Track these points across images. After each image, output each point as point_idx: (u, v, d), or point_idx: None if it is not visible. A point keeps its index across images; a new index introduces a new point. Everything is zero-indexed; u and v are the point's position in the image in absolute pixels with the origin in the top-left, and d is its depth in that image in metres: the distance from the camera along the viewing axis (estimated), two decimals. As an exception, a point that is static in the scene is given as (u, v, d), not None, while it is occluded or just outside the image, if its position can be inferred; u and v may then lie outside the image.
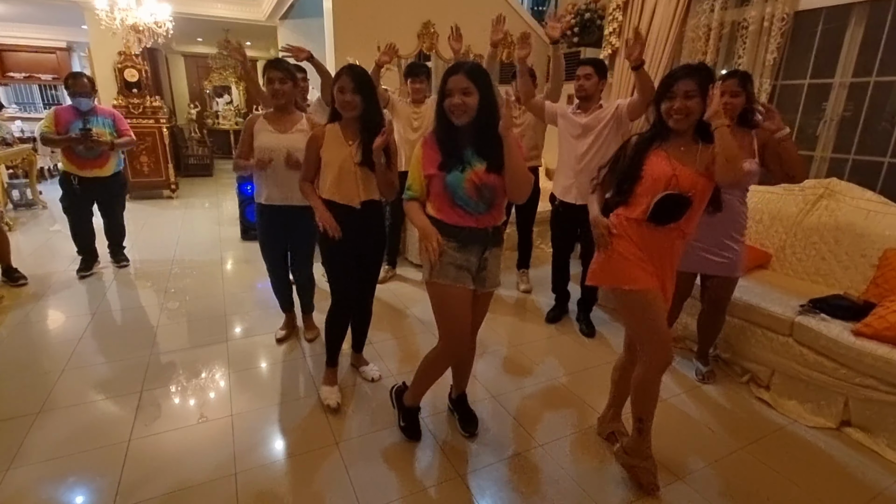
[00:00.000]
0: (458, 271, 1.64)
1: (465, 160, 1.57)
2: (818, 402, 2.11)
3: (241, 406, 2.11)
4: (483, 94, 1.53)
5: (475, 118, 1.54)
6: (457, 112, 1.53)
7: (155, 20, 5.08)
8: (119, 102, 6.00)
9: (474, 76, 1.52)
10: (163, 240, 4.64)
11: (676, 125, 1.54)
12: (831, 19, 2.85)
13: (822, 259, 2.55)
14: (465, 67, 1.54)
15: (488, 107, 1.54)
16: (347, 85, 1.85)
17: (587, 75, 2.57)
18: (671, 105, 1.52)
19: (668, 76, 1.56)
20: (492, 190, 1.59)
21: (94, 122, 3.37)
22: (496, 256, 1.72)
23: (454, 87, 1.52)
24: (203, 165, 8.66)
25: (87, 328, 2.79)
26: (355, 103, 1.87)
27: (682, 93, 1.49)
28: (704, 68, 1.54)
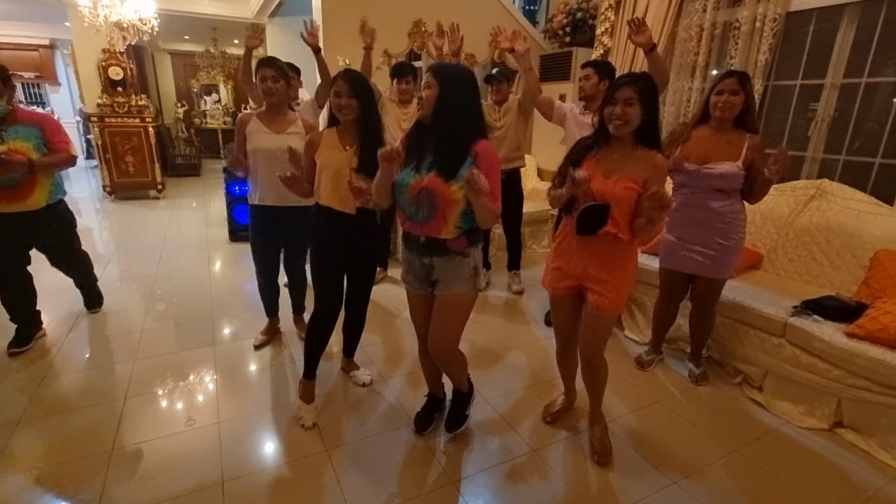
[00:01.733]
0: (407, 273, 1.75)
1: (421, 164, 1.57)
2: (811, 403, 2.11)
3: (228, 412, 2.06)
4: (443, 90, 1.51)
5: (433, 116, 1.53)
6: (420, 105, 1.56)
7: (140, 17, 4.98)
8: (104, 101, 5.88)
9: (436, 72, 1.53)
10: (149, 241, 4.54)
11: (616, 131, 1.59)
12: (823, 20, 2.86)
13: (814, 260, 2.56)
14: (434, 65, 1.56)
15: (447, 107, 1.51)
16: (343, 89, 1.83)
17: (587, 76, 2.59)
18: (612, 110, 1.58)
19: (614, 82, 1.64)
20: (431, 198, 1.52)
21: (9, 133, 2.27)
22: (444, 263, 1.63)
23: (424, 82, 1.56)
24: (190, 165, 8.54)
25: (68, 333, 2.72)
26: (351, 107, 1.84)
27: (623, 99, 1.55)
28: (644, 76, 1.63)
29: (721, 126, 2.08)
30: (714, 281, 2.22)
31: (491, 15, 4.49)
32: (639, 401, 2.25)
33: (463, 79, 1.56)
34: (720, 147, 2.07)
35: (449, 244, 1.60)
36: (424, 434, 1.96)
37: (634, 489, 1.73)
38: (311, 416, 2.01)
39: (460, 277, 1.64)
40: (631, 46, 3.66)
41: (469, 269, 1.65)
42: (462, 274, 1.64)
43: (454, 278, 1.65)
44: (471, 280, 1.67)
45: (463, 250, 1.62)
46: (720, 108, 2.03)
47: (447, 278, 1.65)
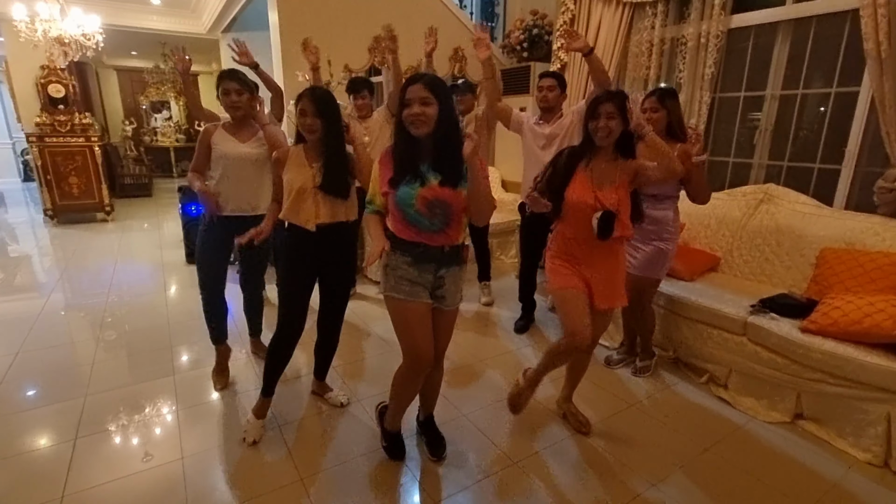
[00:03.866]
0: (412, 286, 1.60)
1: (420, 174, 1.53)
2: (772, 397, 2.21)
3: (192, 447, 1.94)
4: (442, 105, 1.50)
5: (434, 130, 1.50)
6: (416, 123, 1.49)
7: (83, 32, 4.74)
8: (44, 120, 5.55)
9: (433, 86, 1.50)
10: (97, 267, 4.28)
11: (601, 142, 1.78)
12: (761, 36, 3.06)
13: (766, 260, 2.70)
14: (424, 78, 1.51)
15: (448, 119, 1.52)
16: (308, 108, 1.80)
17: (550, 87, 2.67)
18: (597, 124, 1.76)
19: (595, 100, 1.79)
20: (445, 206, 1.53)
21: None
22: (455, 275, 1.65)
23: (413, 97, 1.49)
24: (141, 185, 8.16)
25: (8, 370, 2.50)
26: (316, 126, 1.82)
27: (605, 113, 1.74)
28: (620, 93, 1.80)
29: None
30: (642, 279, 2.34)
31: (448, 31, 4.55)
32: (610, 406, 2.28)
33: (449, 89, 1.59)
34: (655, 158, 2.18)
35: (463, 252, 1.66)
36: (401, 460, 1.90)
37: (616, 494, 1.74)
38: (256, 433, 1.98)
39: (460, 286, 1.70)
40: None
41: (462, 280, 1.71)
42: (461, 283, 1.70)
43: (458, 289, 1.69)
44: (460, 291, 1.72)
45: (466, 259, 1.70)
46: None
47: (454, 290, 1.67)
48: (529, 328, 3.07)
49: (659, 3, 3.31)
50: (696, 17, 3.16)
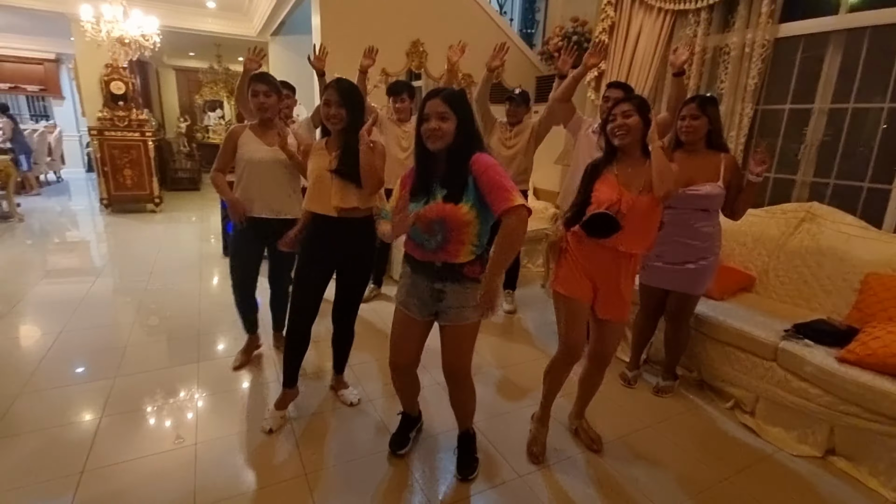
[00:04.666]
0: (407, 296, 1.67)
1: (431, 191, 1.53)
2: (803, 429, 2.07)
3: (206, 434, 2.01)
4: (461, 119, 1.49)
5: (450, 144, 1.49)
6: (432, 137, 1.49)
7: (142, 33, 5.05)
8: (104, 115, 5.94)
9: (452, 101, 1.48)
10: (142, 254, 4.53)
11: (620, 141, 1.73)
12: (810, 47, 2.89)
13: (805, 283, 2.54)
14: (443, 93, 1.50)
15: (465, 133, 1.50)
16: (333, 98, 1.85)
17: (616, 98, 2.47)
18: (613, 124, 1.73)
19: (610, 106, 1.78)
20: (442, 223, 1.49)
21: None
22: (456, 292, 1.58)
23: (431, 111, 1.48)
24: (190, 179, 8.57)
25: (51, 347, 2.68)
26: (340, 116, 1.86)
27: (621, 113, 1.72)
28: (638, 96, 1.81)
29: (693, 149, 2.19)
30: (688, 297, 2.27)
31: (488, 37, 4.55)
32: (625, 424, 2.20)
33: (468, 103, 1.54)
34: (700, 169, 2.16)
35: (466, 271, 1.55)
36: (401, 454, 1.92)
37: (620, 518, 1.68)
38: (273, 422, 2.05)
39: (471, 304, 1.58)
40: (624, 69, 3.70)
41: (476, 297, 1.57)
42: (472, 300, 1.57)
43: (465, 304, 1.59)
44: (478, 307, 1.58)
45: (478, 276, 1.57)
46: (684, 132, 2.16)
47: (458, 305, 1.59)
48: None
49: (702, 11, 3.19)
50: (742, 26, 3.02)
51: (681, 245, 2.20)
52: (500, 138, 3.13)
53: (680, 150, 2.21)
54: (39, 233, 5.30)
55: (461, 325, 1.62)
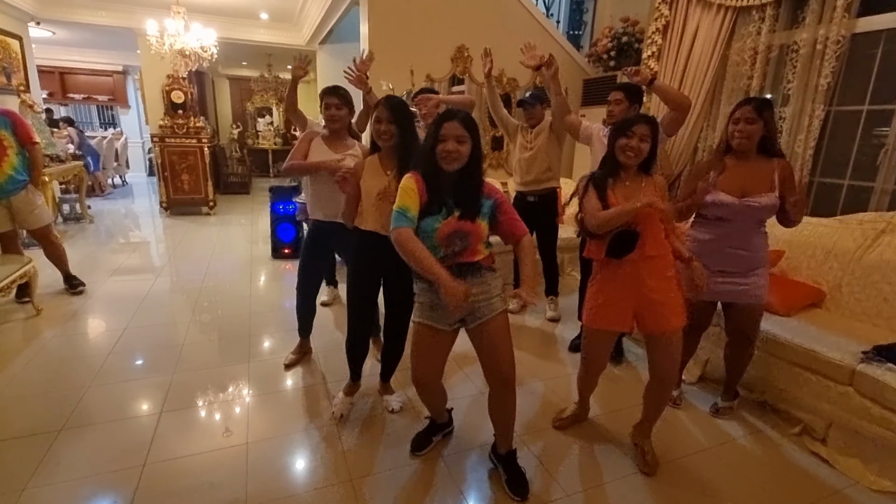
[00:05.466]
0: (431, 310, 1.69)
1: (447, 207, 1.60)
2: (885, 462, 1.88)
3: (256, 433, 2.06)
4: (475, 143, 1.60)
5: (463, 166, 1.59)
6: (448, 159, 1.57)
7: (201, 45, 5.30)
8: (165, 123, 6.29)
9: (469, 125, 1.58)
10: (198, 255, 4.75)
11: (628, 161, 1.76)
12: (892, 42, 2.65)
13: (885, 300, 2.32)
14: (460, 115, 1.58)
15: (477, 156, 1.62)
16: (383, 115, 1.88)
17: (617, 101, 2.53)
18: (628, 142, 1.73)
19: (629, 120, 1.77)
20: (465, 237, 1.61)
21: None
22: (479, 284, 1.65)
23: (448, 133, 1.56)
24: (241, 183, 8.94)
25: (117, 343, 2.84)
26: (391, 133, 1.89)
27: (639, 135, 1.72)
28: (655, 120, 1.80)
29: (744, 156, 2.02)
30: (754, 308, 2.12)
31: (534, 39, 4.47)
32: (684, 447, 2.08)
33: (478, 128, 1.64)
34: (754, 178, 2.01)
35: (482, 261, 1.68)
36: (419, 454, 1.95)
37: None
38: (342, 408, 2.21)
39: (495, 293, 1.68)
40: (679, 71, 3.54)
41: (496, 286, 1.70)
42: (496, 289, 1.69)
43: (492, 294, 1.67)
44: (501, 296, 1.71)
45: (492, 264, 1.71)
46: (737, 137, 1.99)
47: (485, 296, 1.66)
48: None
49: (768, 7, 3.00)
50: (813, 21, 2.81)
51: (737, 256, 2.07)
52: (522, 142, 3.16)
53: (730, 156, 2.05)
54: (107, 233, 5.66)
55: (495, 318, 1.66)
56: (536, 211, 3.21)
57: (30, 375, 2.46)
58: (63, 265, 3.55)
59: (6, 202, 3.12)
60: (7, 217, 3.18)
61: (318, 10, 5.71)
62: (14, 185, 3.09)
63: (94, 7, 6.02)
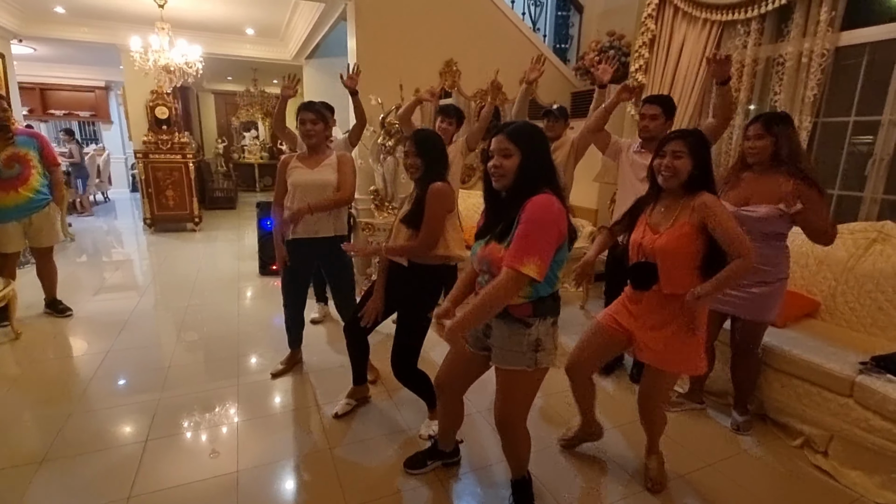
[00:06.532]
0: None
1: (492, 231, 1.45)
2: (889, 473, 1.87)
3: (247, 460, 1.97)
4: (526, 156, 1.37)
5: (513, 187, 1.39)
6: (495, 175, 1.41)
7: (186, 61, 5.24)
8: (149, 138, 6.19)
9: (516, 136, 1.38)
10: (183, 273, 4.63)
11: (665, 183, 1.65)
12: (877, 55, 2.71)
13: (880, 309, 2.33)
14: (508, 128, 1.41)
15: (529, 171, 1.37)
16: (411, 149, 1.91)
17: (654, 115, 2.35)
18: (661, 162, 1.65)
19: (664, 139, 1.69)
20: (488, 263, 1.43)
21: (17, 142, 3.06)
22: (502, 330, 1.47)
23: (494, 148, 1.41)
24: (227, 199, 8.82)
25: (100, 366, 2.72)
26: (416, 165, 1.91)
27: (672, 152, 1.62)
28: (696, 133, 1.68)
29: (762, 170, 2.07)
30: (756, 324, 2.12)
31: (522, 54, 4.52)
32: (691, 462, 2.04)
33: (540, 139, 1.43)
34: (763, 189, 2.04)
35: (512, 309, 1.43)
36: (410, 472, 1.90)
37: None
38: (341, 408, 2.28)
39: (516, 348, 1.45)
40: (666, 84, 3.58)
41: (528, 342, 1.44)
42: (519, 345, 1.45)
43: (509, 348, 1.47)
44: (529, 354, 1.45)
45: (525, 318, 1.43)
46: (749, 153, 2.07)
47: (501, 345, 1.49)
48: (615, 369, 2.82)
49: (752, 21, 3.05)
50: (798, 35, 2.86)
51: None
52: None
53: (749, 171, 2.11)
54: (89, 252, 5.52)
55: (507, 371, 1.51)
56: None
57: (8, 403, 2.35)
58: (53, 287, 3.48)
59: (27, 220, 3.19)
60: (21, 236, 3.21)
61: (305, 25, 5.70)
62: (38, 203, 3.20)
63: (76, 24, 5.93)
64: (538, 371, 1.49)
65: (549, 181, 1.41)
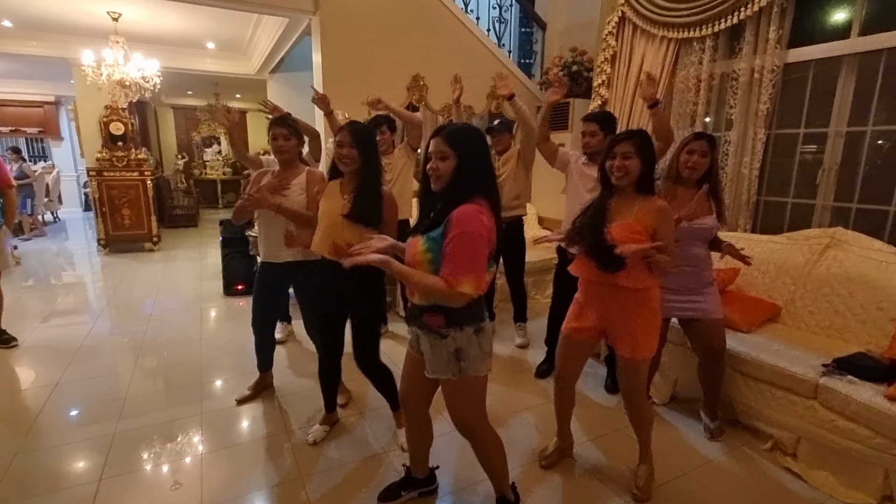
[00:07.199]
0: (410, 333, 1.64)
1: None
2: (854, 474, 1.92)
3: (212, 496, 1.85)
4: (463, 159, 1.39)
5: (448, 187, 1.41)
6: (432, 177, 1.44)
7: (143, 75, 5.06)
8: (104, 155, 5.91)
9: (453, 139, 1.40)
10: (141, 296, 4.40)
11: (618, 182, 1.74)
12: (822, 71, 2.86)
13: (836, 312, 2.43)
14: (444, 130, 1.42)
15: (465, 174, 1.39)
16: (346, 139, 1.87)
17: (592, 132, 2.51)
18: (612, 164, 1.73)
19: (612, 140, 1.77)
20: (401, 257, 1.47)
21: None
22: (424, 340, 1.49)
23: (432, 150, 1.43)
24: (188, 216, 8.51)
25: (48, 399, 2.53)
26: (352, 157, 1.88)
27: (621, 154, 1.70)
28: (641, 132, 1.77)
29: (688, 184, 2.18)
30: (714, 321, 2.22)
31: (487, 68, 4.58)
32: (667, 472, 2.04)
33: (478, 142, 1.45)
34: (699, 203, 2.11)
35: (425, 317, 1.45)
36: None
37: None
38: (317, 434, 2.20)
39: (438, 359, 1.46)
40: (629, 97, 3.69)
41: (448, 352, 1.44)
42: (440, 355, 1.46)
43: (432, 358, 1.48)
44: (452, 364, 1.45)
45: (438, 329, 1.44)
46: (690, 167, 2.13)
47: (428, 356, 1.50)
48: (551, 373, 2.85)
49: (707, 39, 3.19)
50: (749, 52, 3.00)
51: (688, 274, 2.17)
52: None
53: (680, 185, 2.19)
54: (37, 275, 5.19)
55: (445, 380, 1.50)
56: (505, 238, 3.18)
57: (-61, 448, 2.14)
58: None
59: None
60: None
61: (269, 39, 5.61)
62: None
63: (24, 37, 5.64)
64: (469, 378, 1.48)
65: (485, 186, 1.44)
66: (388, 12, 4.30)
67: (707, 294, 2.21)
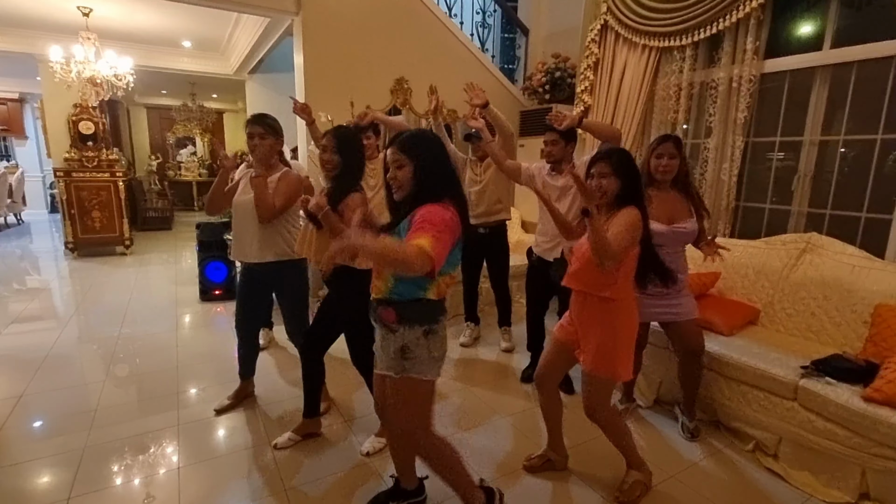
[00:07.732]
0: None
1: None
2: (832, 473, 1.97)
3: (191, 512, 1.78)
4: (418, 164, 1.40)
5: (411, 195, 1.41)
6: (393, 187, 1.45)
7: (115, 73, 4.89)
8: (72, 156, 5.69)
9: (405, 146, 1.41)
10: (112, 302, 4.23)
11: (595, 202, 1.70)
12: (796, 81, 2.95)
13: (813, 315, 2.50)
14: (397, 140, 1.43)
15: (424, 178, 1.40)
16: (329, 144, 1.87)
17: (553, 141, 2.58)
18: (590, 183, 1.76)
19: (591, 159, 1.80)
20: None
21: None
22: (381, 337, 1.50)
23: (389, 161, 1.44)
24: (162, 219, 8.27)
25: (11, 414, 2.39)
26: (333, 162, 1.87)
27: (598, 173, 1.75)
28: (620, 151, 1.78)
29: (663, 187, 2.22)
30: (692, 323, 2.28)
31: (471, 74, 4.58)
32: (654, 476, 2.05)
33: (433, 146, 1.45)
34: (675, 207, 2.21)
35: (380, 311, 1.45)
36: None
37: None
38: (284, 442, 2.14)
39: (386, 352, 1.47)
40: (611, 104, 3.74)
41: (395, 348, 1.44)
42: (387, 349, 1.46)
43: (381, 351, 1.51)
44: (397, 361, 1.44)
45: (390, 324, 1.44)
46: (661, 171, 2.18)
47: (378, 350, 1.53)
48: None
49: (687, 48, 3.26)
50: (727, 62, 3.08)
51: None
52: (472, 175, 3.19)
53: (653, 188, 2.22)
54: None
55: (392, 378, 1.48)
56: (488, 243, 3.22)
57: None
58: None
59: None
60: None
61: (248, 39, 5.50)
62: None
63: (-14, 30, 5.40)
64: (412, 380, 1.45)
65: (450, 189, 1.43)
66: (372, 15, 4.26)
67: (683, 297, 2.26)
